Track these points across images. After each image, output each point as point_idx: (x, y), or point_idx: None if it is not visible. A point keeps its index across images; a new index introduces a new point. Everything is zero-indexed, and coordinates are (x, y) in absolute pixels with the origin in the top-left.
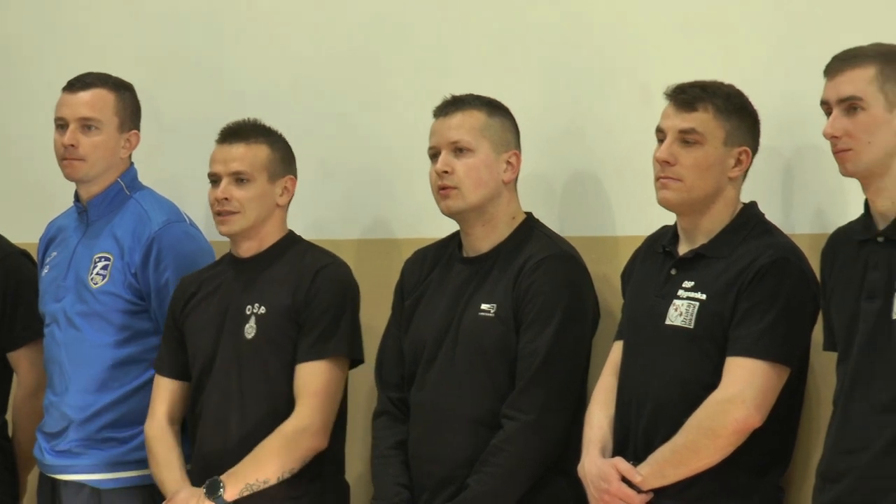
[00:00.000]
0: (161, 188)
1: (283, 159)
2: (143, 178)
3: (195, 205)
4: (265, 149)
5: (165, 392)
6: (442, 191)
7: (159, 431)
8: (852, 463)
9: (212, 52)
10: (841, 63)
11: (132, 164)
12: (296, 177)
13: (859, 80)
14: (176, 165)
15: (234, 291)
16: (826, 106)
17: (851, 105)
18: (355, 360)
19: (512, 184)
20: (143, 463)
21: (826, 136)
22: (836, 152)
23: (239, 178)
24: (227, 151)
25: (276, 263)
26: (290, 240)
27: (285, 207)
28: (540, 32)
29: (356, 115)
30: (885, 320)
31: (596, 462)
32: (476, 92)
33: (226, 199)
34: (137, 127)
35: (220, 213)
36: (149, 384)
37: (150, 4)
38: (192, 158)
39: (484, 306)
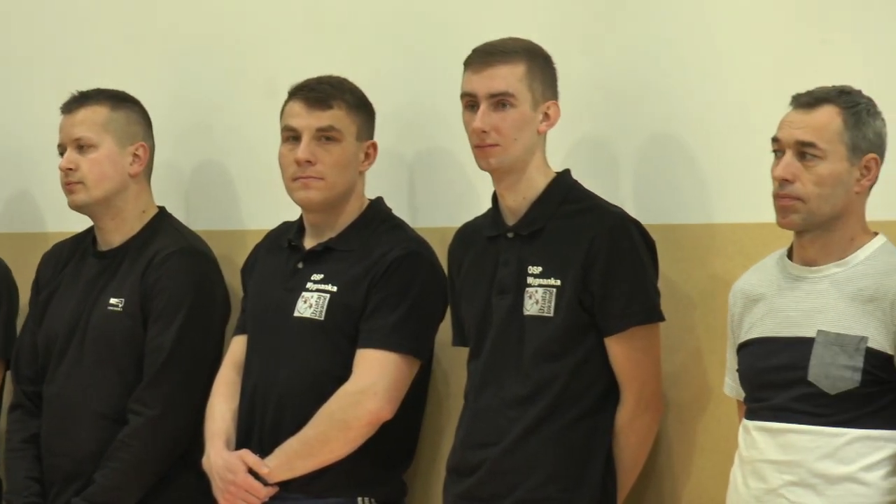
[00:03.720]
0: None
1: None
2: None
3: None
4: None
5: None
6: (68, 186)
7: None
8: (484, 456)
9: None
10: (489, 57)
11: None
12: None
13: (511, 77)
14: None
15: None
16: (469, 98)
17: (502, 101)
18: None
19: (141, 177)
20: None
21: (476, 130)
22: (482, 146)
23: None
24: None
25: None
26: None
27: None
28: (169, 25)
29: None
30: (516, 316)
31: (222, 454)
32: (105, 86)
33: None
34: None
35: None
36: None
37: None
38: None
39: (112, 301)
